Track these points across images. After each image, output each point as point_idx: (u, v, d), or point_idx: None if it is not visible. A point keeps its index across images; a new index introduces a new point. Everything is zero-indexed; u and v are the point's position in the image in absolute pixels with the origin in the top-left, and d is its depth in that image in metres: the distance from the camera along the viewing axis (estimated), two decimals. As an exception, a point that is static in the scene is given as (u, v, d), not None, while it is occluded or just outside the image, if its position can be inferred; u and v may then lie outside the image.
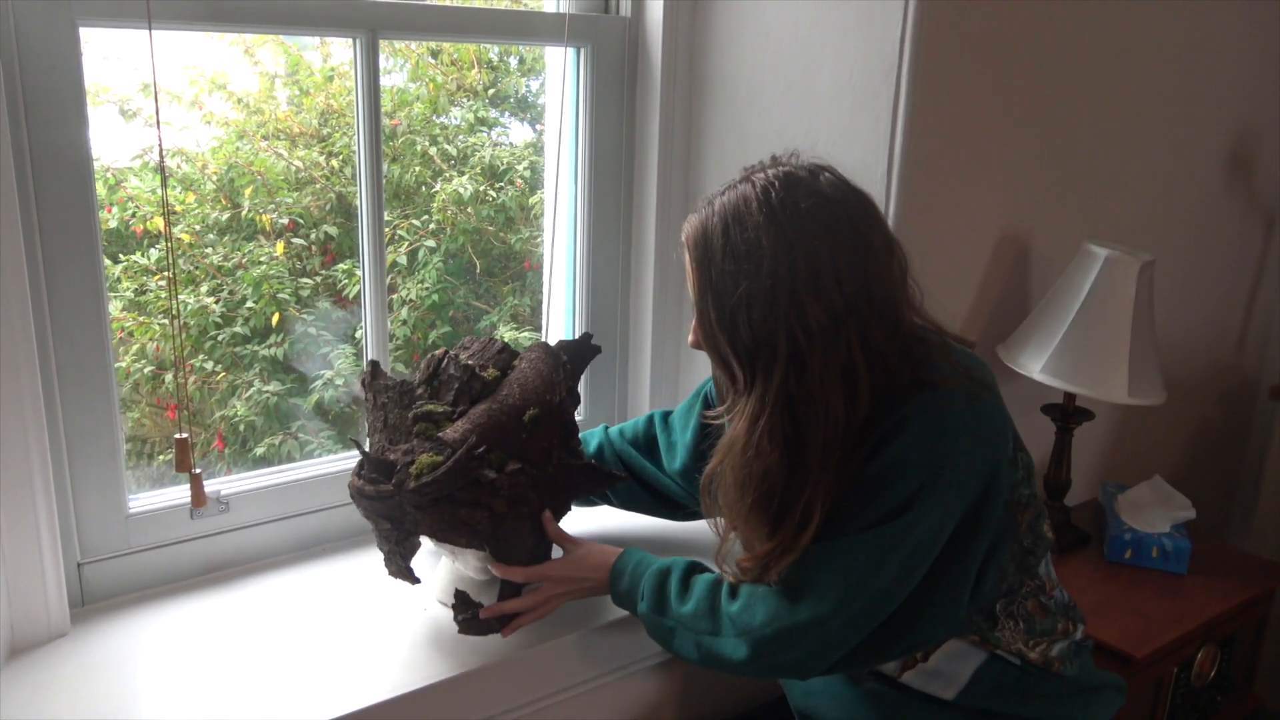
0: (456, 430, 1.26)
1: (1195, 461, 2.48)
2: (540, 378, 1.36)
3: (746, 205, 1.14)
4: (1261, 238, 2.45)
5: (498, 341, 1.44)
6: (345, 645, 1.38)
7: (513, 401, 1.31)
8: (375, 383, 1.38)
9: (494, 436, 1.27)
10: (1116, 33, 1.85)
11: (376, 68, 1.54)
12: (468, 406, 1.31)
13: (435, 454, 1.23)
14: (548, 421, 1.32)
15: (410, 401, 1.34)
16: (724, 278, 1.13)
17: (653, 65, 1.76)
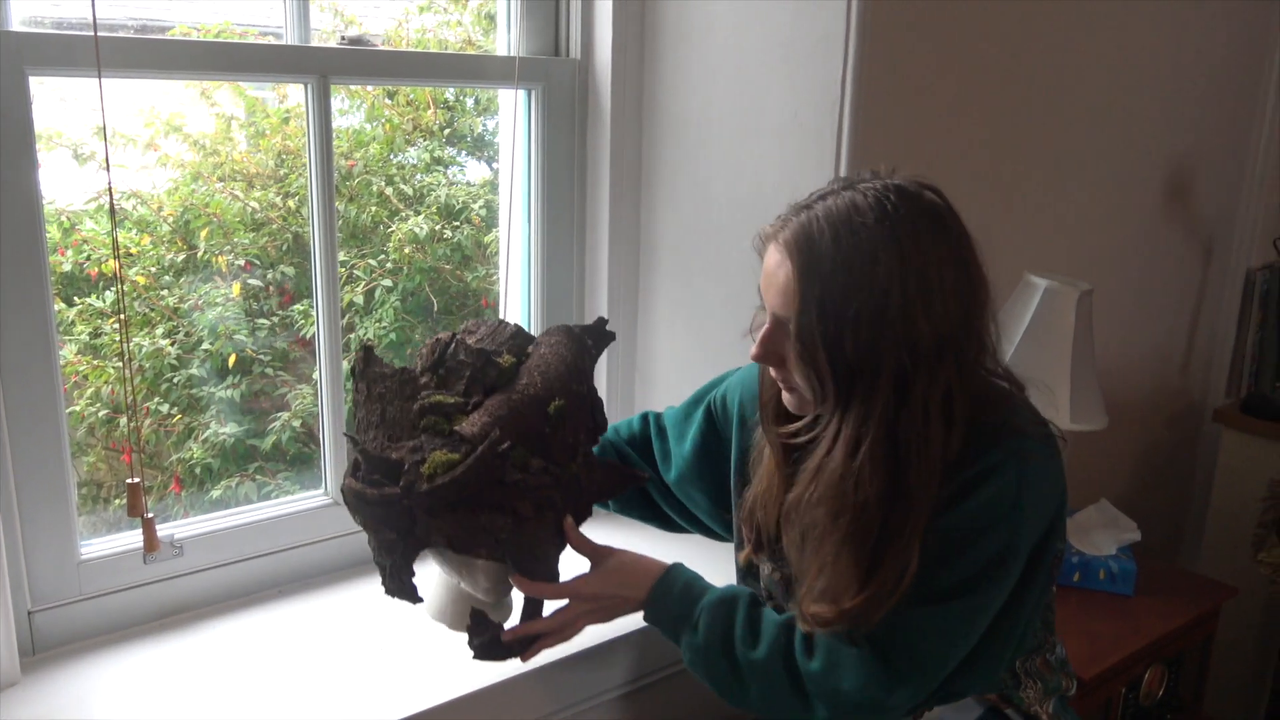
0: (474, 423, 1.12)
1: (1144, 485, 2.53)
2: (564, 363, 1.22)
3: (860, 214, 1.04)
4: (1201, 265, 2.52)
5: (510, 324, 1.29)
6: (303, 688, 1.37)
7: (534, 391, 1.17)
8: (369, 370, 1.20)
9: (516, 430, 1.13)
10: (1054, 69, 1.92)
11: (328, 111, 1.56)
12: (481, 397, 1.17)
13: (450, 451, 1.09)
14: (574, 413, 1.19)
15: (413, 393, 1.17)
16: (833, 289, 1.03)
17: (603, 106, 1.79)
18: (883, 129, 1.61)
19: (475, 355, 1.18)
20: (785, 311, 1.07)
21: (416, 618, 1.56)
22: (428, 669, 1.42)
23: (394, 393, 1.18)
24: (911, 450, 1.04)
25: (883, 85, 1.58)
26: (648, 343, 1.90)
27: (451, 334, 1.25)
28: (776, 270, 1.08)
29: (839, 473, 1.06)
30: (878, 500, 1.04)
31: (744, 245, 1.71)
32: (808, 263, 1.04)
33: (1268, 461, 2.26)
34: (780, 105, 1.64)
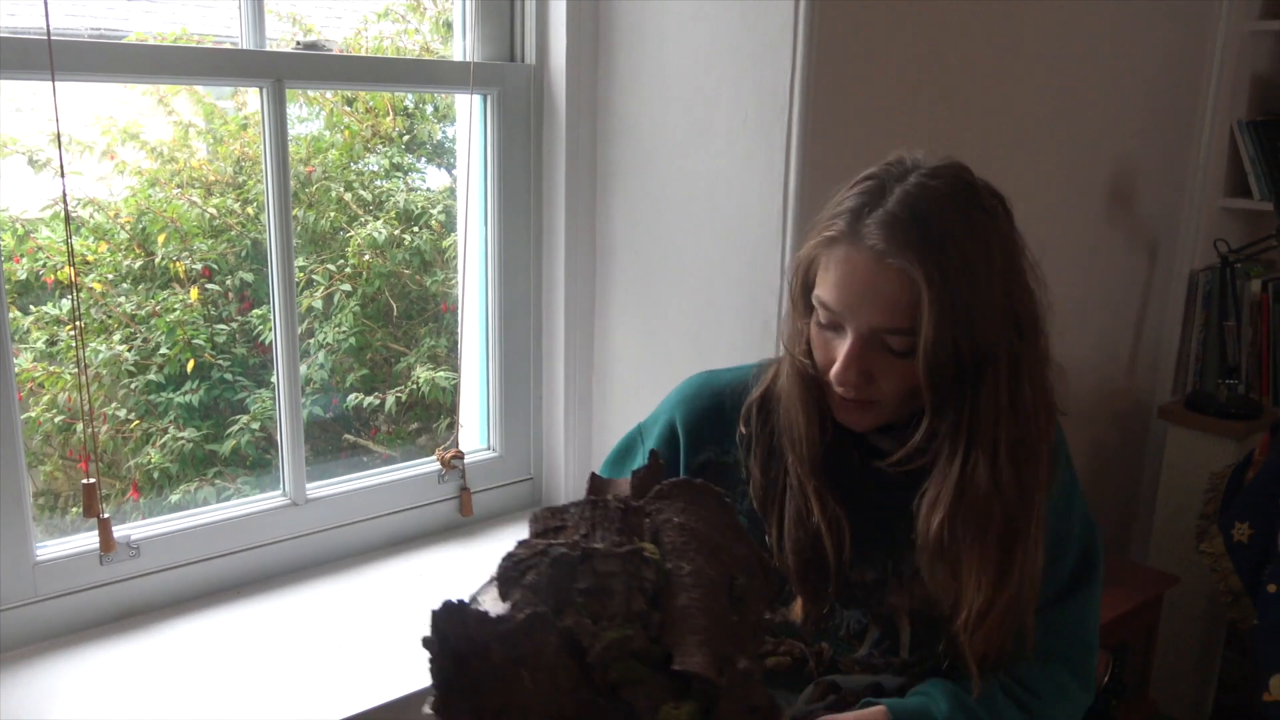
0: (688, 651, 0.84)
1: (1095, 481, 2.59)
2: (714, 527, 0.95)
3: (958, 206, 0.99)
4: (1146, 267, 2.59)
5: (600, 502, 0.96)
6: (260, 688, 1.38)
7: (709, 576, 0.90)
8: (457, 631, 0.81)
9: (724, 637, 0.87)
10: (999, 72, 1.97)
11: (284, 116, 1.57)
12: (646, 609, 0.87)
13: (676, 703, 0.83)
14: (755, 585, 0.95)
15: (567, 643, 0.84)
16: (960, 288, 0.95)
17: (558, 111, 1.82)
18: (831, 131, 1.64)
19: (626, 560, 0.88)
20: (894, 322, 0.97)
21: (371, 618, 1.58)
22: (379, 668, 1.44)
23: (533, 654, 0.83)
24: (1030, 438, 1.01)
25: (831, 87, 1.62)
26: (605, 344, 1.93)
27: (546, 543, 0.91)
28: (879, 280, 0.96)
29: (984, 484, 0.99)
30: (1015, 501, 1.00)
31: (699, 246, 1.75)
32: (930, 265, 0.94)
33: (1211, 456, 2.32)
34: (731, 108, 1.67)
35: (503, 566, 0.89)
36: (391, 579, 1.70)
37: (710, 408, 1.15)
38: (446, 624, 0.80)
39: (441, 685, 0.81)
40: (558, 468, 1.96)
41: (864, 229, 0.97)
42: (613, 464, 1.25)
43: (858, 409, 1.04)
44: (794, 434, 1.08)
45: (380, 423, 2.61)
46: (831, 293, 1.00)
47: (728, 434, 1.13)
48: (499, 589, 0.88)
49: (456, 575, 1.72)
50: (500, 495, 1.95)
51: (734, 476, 1.13)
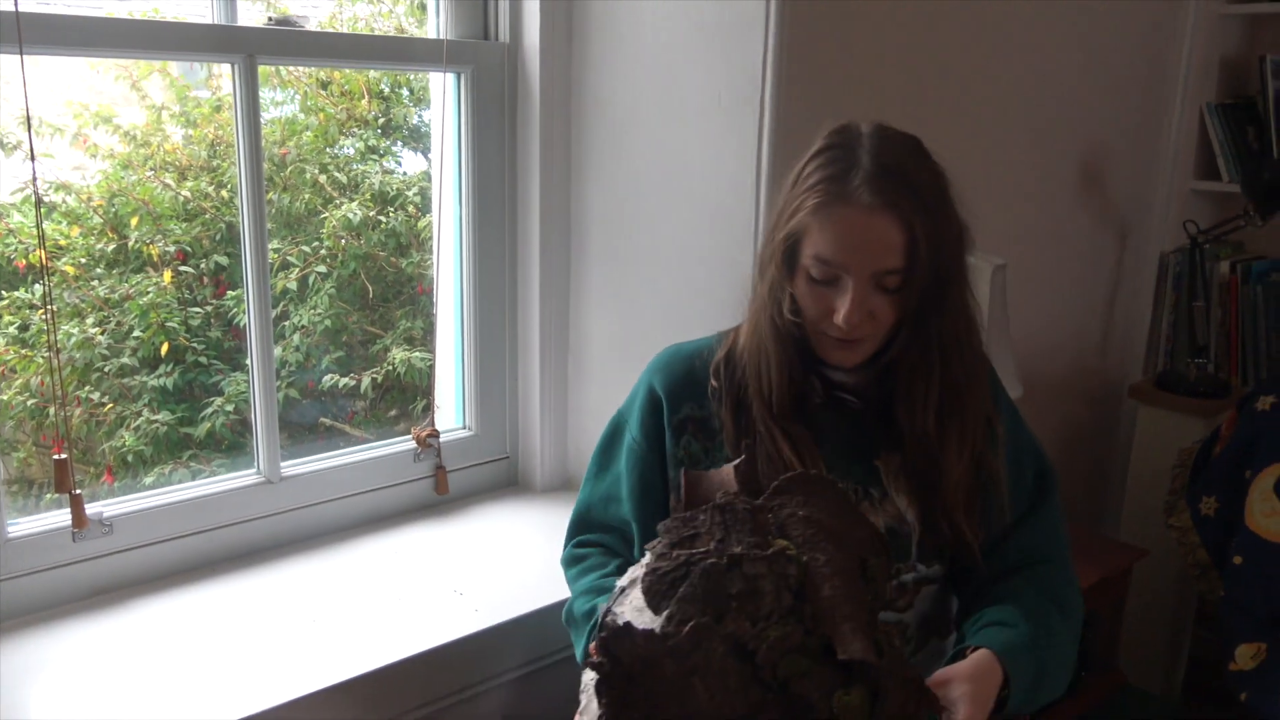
0: (848, 640, 0.89)
1: (1068, 459, 2.61)
2: (837, 516, 1.01)
3: (912, 152, 1.16)
4: (1116, 247, 2.62)
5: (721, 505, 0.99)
6: (233, 665, 1.39)
7: (840, 565, 0.96)
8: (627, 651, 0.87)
9: (868, 619, 0.94)
10: (972, 53, 1.98)
11: (256, 93, 1.57)
12: (794, 603, 0.92)
13: (846, 690, 0.88)
14: (884, 567, 1.02)
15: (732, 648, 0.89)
16: (935, 219, 1.12)
17: (532, 89, 1.82)
18: (804, 109, 1.65)
19: (772, 562, 0.93)
20: (890, 263, 1.11)
21: (346, 596, 1.58)
22: (352, 644, 1.44)
23: (703, 663, 0.87)
24: (978, 334, 1.23)
25: (802, 66, 1.63)
26: (580, 323, 1.93)
27: (685, 553, 0.95)
28: (875, 229, 1.10)
29: (960, 377, 1.19)
30: (976, 383, 1.22)
31: (673, 224, 1.76)
32: (916, 209, 1.11)
33: (1180, 434, 2.35)
34: (703, 86, 1.68)
35: (648, 581, 0.94)
36: (367, 557, 1.70)
37: (684, 370, 1.30)
38: (617, 645, 0.85)
39: (612, 704, 0.85)
40: (533, 446, 1.97)
41: (853, 189, 1.11)
42: (601, 453, 1.38)
43: (852, 346, 1.18)
44: (763, 382, 1.22)
45: (357, 406, 2.61)
46: (832, 249, 1.12)
47: (701, 391, 1.28)
48: (648, 601, 0.94)
49: (433, 553, 1.72)
50: (476, 474, 1.95)
51: (711, 427, 1.27)
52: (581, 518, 1.39)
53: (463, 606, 1.55)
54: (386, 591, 1.59)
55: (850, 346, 1.18)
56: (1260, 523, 1.88)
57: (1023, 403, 1.93)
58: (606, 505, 1.36)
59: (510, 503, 1.94)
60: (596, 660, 0.86)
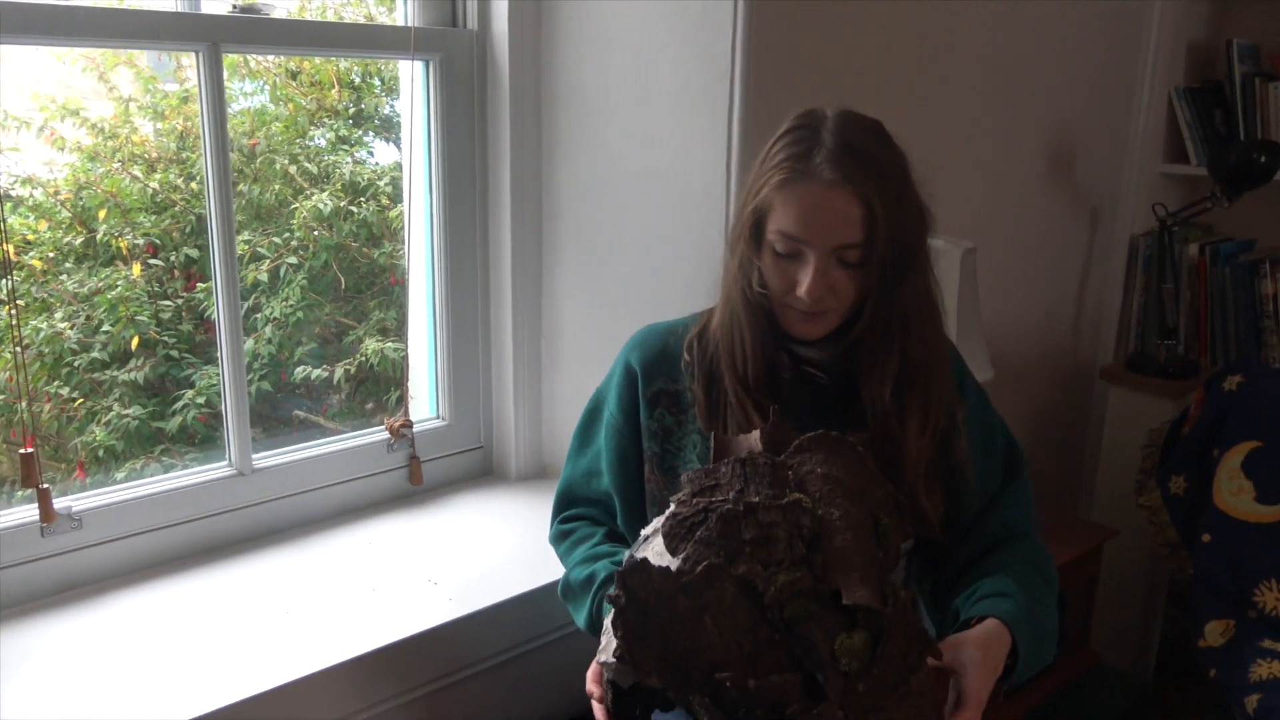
0: (854, 586, 0.93)
1: (1042, 440, 2.64)
2: (853, 474, 1.04)
3: (871, 132, 1.19)
4: (1087, 230, 2.63)
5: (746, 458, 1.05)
6: (205, 659, 1.38)
7: (855, 519, 0.99)
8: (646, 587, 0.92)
9: (878, 571, 0.97)
10: (942, 37, 1.99)
11: (221, 82, 1.55)
12: (806, 553, 0.96)
13: (849, 632, 0.91)
14: (897, 528, 1.05)
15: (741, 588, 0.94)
16: (893, 194, 1.16)
17: (501, 77, 1.81)
18: (773, 94, 1.65)
19: (787, 511, 0.97)
20: (850, 238, 1.14)
21: (320, 587, 1.57)
22: (326, 635, 1.44)
23: (714, 601, 0.92)
24: (938, 316, 1.25)
25: (772, 50, 1.63)
26: (553, 310, 1.93)
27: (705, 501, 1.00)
28: (836, 204, 1.14)
29: (918, 354, 1.22)
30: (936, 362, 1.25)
31: (645, 210, 1.76)
32: (876, 185, 1.14)
33: (1150, 414, 2.38)
34: (674, 70, 1.67)
35: (669, 524, 1.00)
36: (340, 548, 1.70)
37: (659, 346, 1.34)
38: (633, 579, 0.91)
39: (627, 636, 0.91)
40: (508, 435, 1.97)
41: (815, 167, 1.15)
42: (581, 430, 1.42)
43: (816, 319, 1.22)
44: (735, 354, 1.25)
45: (332, 398, 2.59)
46: (795, 224, 1.16)
47: (675, 366, 1.32)
48: (666, 544, 0.99)
49: (407, 544, 1.72)
50: (450, 464, 1.95)
51: (684, 400, 1.30)
52: (565, 494, 1.44)
53: (437, 596, 1.55)
54: (360, 582, 1.58)
55: (814, 319, 1.21)
56: (1228, 500, 1.90)
57: (995, 386, 1.94)
58: (589, 480, 1.40)
59: (485, 492, 1.94)
60: (614, 593, 0.90)
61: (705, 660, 0.91)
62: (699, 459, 1.28)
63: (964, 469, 1.27)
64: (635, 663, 0.91)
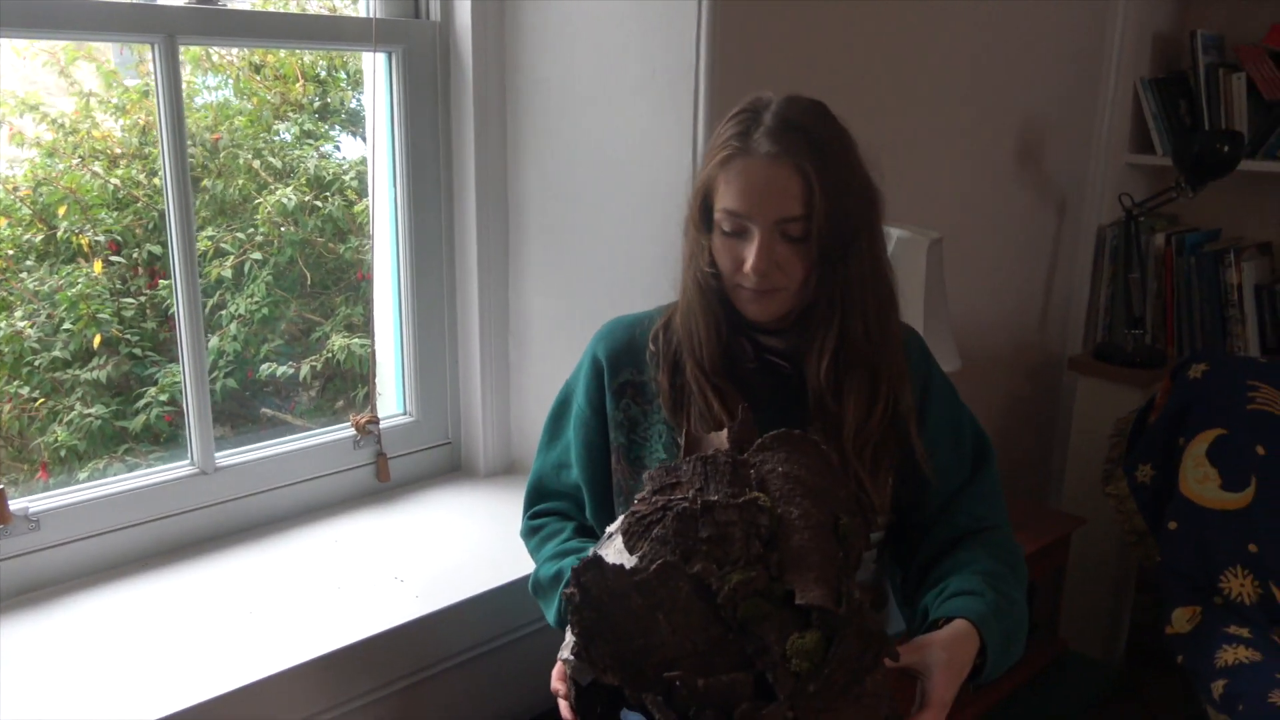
0: (808, 586, 0.92)
1: (1011, 432, 2.65)
2: (816, 474, 1.03)
3: (816, 110, 1.20)
4: (1055, 221, 2.65)
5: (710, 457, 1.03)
6: (166, 658, 1.36)
7: (817, 519, 0.98)
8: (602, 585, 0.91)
9: (836, 572, 0.95)
10: (909, 27, 1.99)
11: (178, 74, 1.53)
12: (763, 551, 0.95)
13: (801, 632, 0.90)
14: (858, 524, 1.03)
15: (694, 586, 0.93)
16: (838, 168, 1.16)
17: (465, 69, 1.79)
18: (739, 83, 1.64)
19: (743, 510, 0.96)
20: (791, 210, 1.15)
21: (284, 586, 1.56)
22: (290, 634, 1.42)
23: (668, 599, 0.91)
24: (886, 298, 1.24)
25: (737, 40, 1.62)
26: (520, 304, 1.92)
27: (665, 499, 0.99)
28: (776, 177, 1.15)
29: (859, 332, 1.21)
30: (880, 344, 1.23)
31: (611, 203, 1.75)
32: (815, 157, 1.15)
33: (1118, 404, 2.39)
34: (639, 64, 1.66)
35: (627, 522, 1.00)
36: (306, 546, 1.68)
37: (624, 338, 1.34)
38: (588, 577, 0.90)
39: (583, 633, 0.91)
40: (476, 431, 1.95)
41: (754, 142, 1.17)
42: (551, 422, 1.42)
43: (766, 298, 1.21)
44: (694, 340, 1.25)
45: (302, 396, 2.57)
46: (736, 199, 1.17)
47: (640, 357, 1.32)
48: (625, 542, 0.99)
49: (374, 541, 1.70)
50: (418, 460, 1.93)
51: (650, 391, 1.30)
52: (536, 487, 1.44)
53: (403, 593, 1.53)
54: (325, 581, 1.56)
55: (763, 298, 1.21)
56: (1193, 488, 1.92)
57: (963, 376, 1.95)
58: (558, 472, 1.41)
59: (453, 488, 1.93)
60: (569, 590, 0.91)
61: (659, 658, 0.90)
62: (665, 450, 1.27)
63: (922, 458, 1.26)
64: (591, 660, 0.91)
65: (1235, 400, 1.95)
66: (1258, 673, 1.69)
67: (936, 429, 1.30)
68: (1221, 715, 1.69)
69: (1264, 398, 1.94)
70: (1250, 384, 1.96)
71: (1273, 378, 1.98)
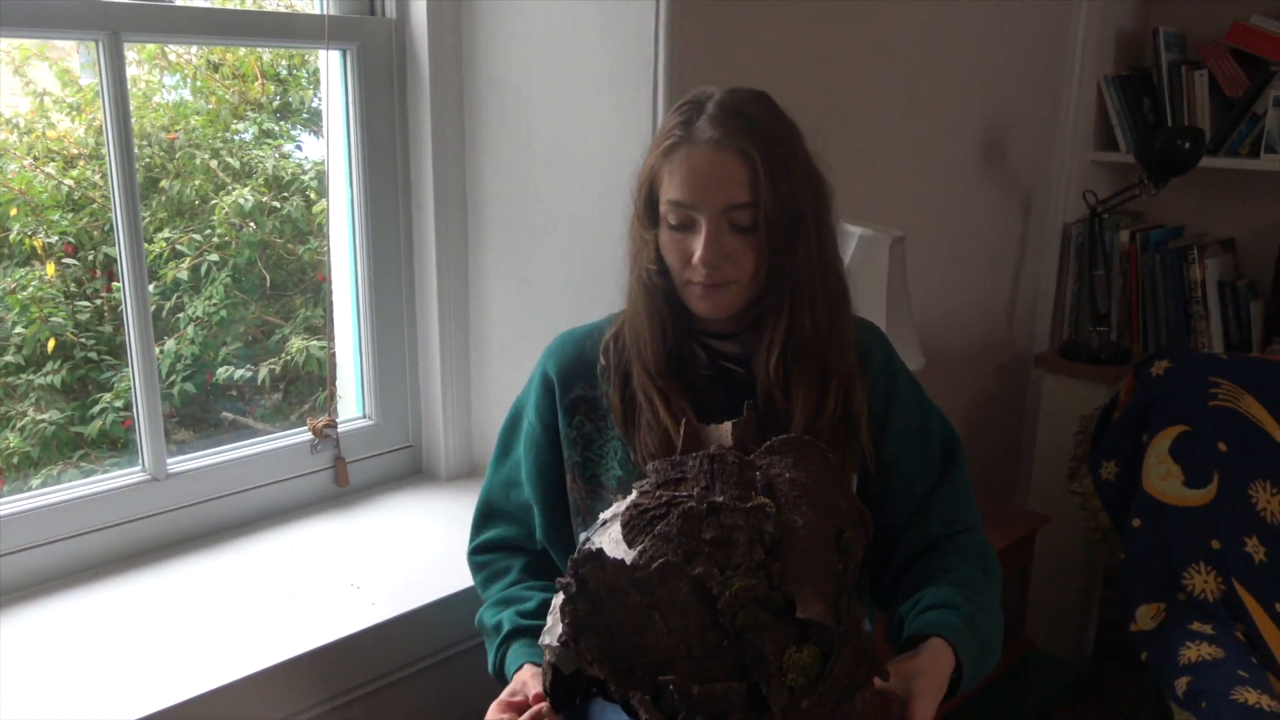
0: (809, 600, 0.91)
1: (979, 431, 2.65)
2: (823, 483, 1.01)
3: (760, 100, 1.19)
4: (1020, 219, 2.65)
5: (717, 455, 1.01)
6: (111, 670, 1.33)
7: (820, 529, 0.97)
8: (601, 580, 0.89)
9: (835, 586, 0.93)
10: (870, 23, 1.97)
11: (123, 72, 1.50)
12: (765, 559, 0.94)
13: (799, 646, 0.89)
14: (859, 537, 1.01)
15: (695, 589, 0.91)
16: (782, 154, 1.14)
17: (421, 67, 1.77)
18: (697, 79, 1.62)
19: (750, 515, 0.94)
20: (738, 197, 1.13)
21: (239, 594, 1.52)
22: (242, 642, 1.39)
23: (667, 599, 0.89)
24: (835, 292, 1.21)
25: (696, 35, 1.60)
26: (480, 305, 1.89)
27: (669, 495, 0.98)
28: (721, 163, 1.13)
29: (807, 326, 1.18)
30: (829, 339, 1.21)
31: (572, 201, 1.73)
32: (759, 142, 1.13)
33: (1084, 401, 2.39)
34: (596, 59, 1.64)
35: (628, 515, 0.98)
36: (261, 553, 1.65)
37: (574, 353, 1.30)
38: (587, 569, 0.88)
39: (574, 625, 0.88)
40: (436, 434, 1.93)
41: (697, 130, 1.15)
42: (502, 440, 1.38)
43: (716, 293, 1.17)
44: (640, 343, 1.22)
45: (260, 398, 2.53)
46: (681, 189, 1.14)
47: (591, 372, 1.28)
48: (624, 534, 0.97)
49: (331, 547, 1.67)
50: (378, 464, 1.90)
51: (603, 406, 1.26)
52: (485, 506, 1.40)
53: (359, 600, 1.51)
54: (279, 589, 1.54)
55: (714, 293, 1.18)
56: (1157, 485, 1.92)
57: (930, 375, 1.94)
58: (508, 491, 1.37)
59: (414, 492, 1.90)
60: (565, 580, 0.89)
61: (651, 658, 0.88)
62: (621, 466, 1.24)
63: (870, 459, 1.24)
64: (579, 652, 0.89)
65: (1197, 397, 1.95)
66: (1220, 670, 1.69)
67: (904, 431, 1.28)
68: (1185, 712, 1.69)
69: (1225, 394, 1.95)
70: (1212, 380, 1.96)
71: (1234, 374, 1.98)
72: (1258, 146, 2.45)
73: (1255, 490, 1.91)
